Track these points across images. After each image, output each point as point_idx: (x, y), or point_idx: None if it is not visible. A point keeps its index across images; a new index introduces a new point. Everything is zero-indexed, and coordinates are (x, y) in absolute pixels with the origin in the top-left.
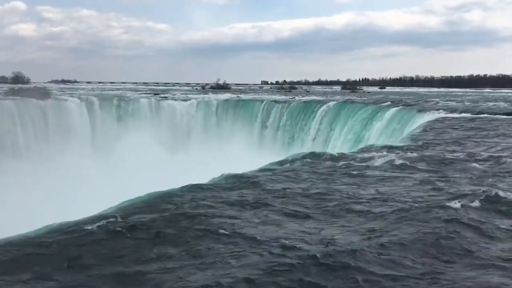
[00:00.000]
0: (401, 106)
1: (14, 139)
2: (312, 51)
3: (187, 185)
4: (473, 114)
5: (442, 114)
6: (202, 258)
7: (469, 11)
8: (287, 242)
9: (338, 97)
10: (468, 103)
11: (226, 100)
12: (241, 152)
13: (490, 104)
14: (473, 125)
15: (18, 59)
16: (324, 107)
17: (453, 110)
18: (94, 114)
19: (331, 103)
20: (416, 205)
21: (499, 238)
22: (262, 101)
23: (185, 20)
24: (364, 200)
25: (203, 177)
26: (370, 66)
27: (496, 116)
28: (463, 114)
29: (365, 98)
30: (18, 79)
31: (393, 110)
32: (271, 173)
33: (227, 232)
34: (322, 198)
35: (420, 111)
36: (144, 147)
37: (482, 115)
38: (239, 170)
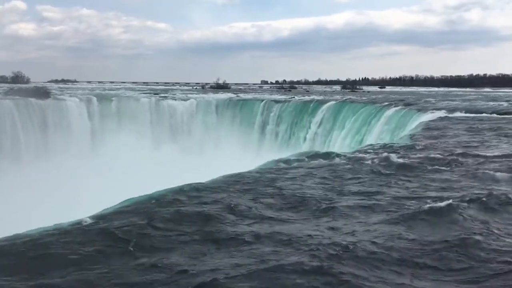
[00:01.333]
0: (401, 106)
1: (13, 139)
2: (311, 50)
3: (185, 185)
4: (472, 114)
5: (441, 114)
6: (202, 257)
7: (468, 10)
8: (283, 240)
9: (338, 96)
10: (466, 103)
11: (226, 99)
12: (241, 152)
13: (490, 104)
14: (472, 125)
15: (18, 58)
16: (323, 106)
17: (452, 110)
18: (94, 114)
19: (331, 103)
20: (414, 205)
21: (502, 237)
22: (261, 100)
23: (184, 19)
24: (363, 200)
25: (203, 177)
26: (370, 66)
27: (497, 115)
28: (463, 114)
29: (365, 98)
30: (17, 78)
31: (392, 109)
32: (270, 172)
33: (226, 231)
34: (320, 197)
35: (419, 110)
36: (144, 147)
37: (481, 115)
38: (239, 170)
